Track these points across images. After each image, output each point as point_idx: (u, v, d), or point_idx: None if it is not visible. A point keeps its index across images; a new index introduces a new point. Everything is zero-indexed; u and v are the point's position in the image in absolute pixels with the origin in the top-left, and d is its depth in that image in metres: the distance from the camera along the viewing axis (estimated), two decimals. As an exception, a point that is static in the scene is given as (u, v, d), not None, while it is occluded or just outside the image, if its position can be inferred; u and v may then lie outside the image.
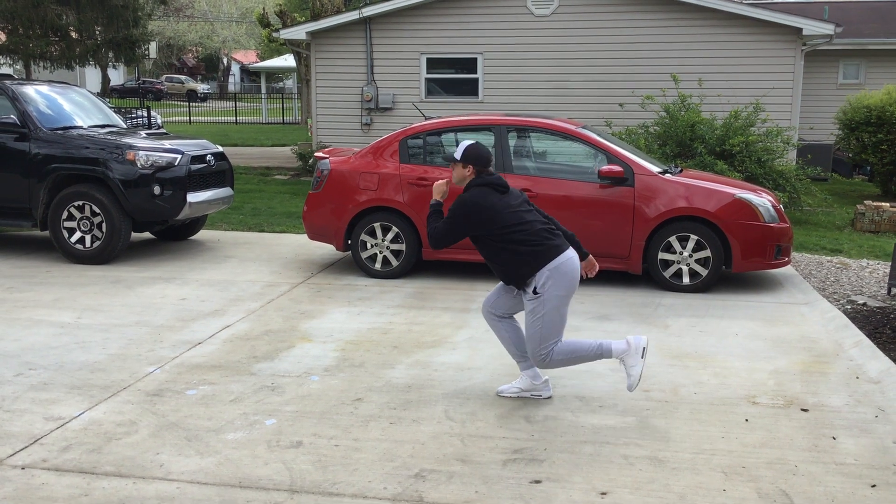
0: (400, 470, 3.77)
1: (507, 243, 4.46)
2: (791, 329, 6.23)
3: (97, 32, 20.68)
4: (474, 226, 4.48)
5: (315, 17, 19.62)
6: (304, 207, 8.27)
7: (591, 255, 4.81)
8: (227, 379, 4.96)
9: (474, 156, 4.60)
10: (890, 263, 7.88)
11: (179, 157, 8.33)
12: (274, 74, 52.99)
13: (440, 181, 4.81)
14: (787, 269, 8.35)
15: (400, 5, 15.03)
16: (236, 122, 34.64)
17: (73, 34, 20.46)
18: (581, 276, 4.61)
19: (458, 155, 4.62)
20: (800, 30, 13.82)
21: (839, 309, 6.85)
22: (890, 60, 19.02)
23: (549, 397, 4.73)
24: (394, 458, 3.90)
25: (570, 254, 4.52)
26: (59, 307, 6.55)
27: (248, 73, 59.15)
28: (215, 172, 8.99)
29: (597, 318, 6.49)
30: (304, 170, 16.77)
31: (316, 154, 8.55)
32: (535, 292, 4.45)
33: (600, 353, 4.51)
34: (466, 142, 4.66)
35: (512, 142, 7.78)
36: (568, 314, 6.47)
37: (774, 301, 7.12)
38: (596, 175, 7.45)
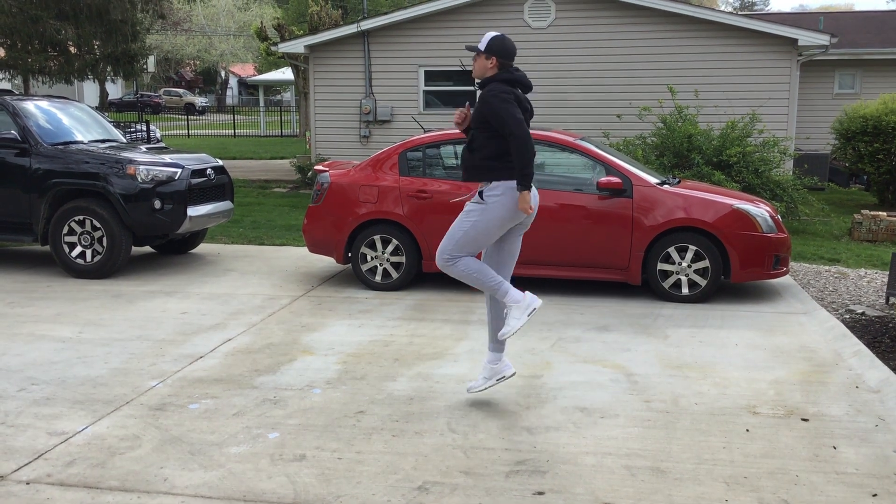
0: (403, 482, 3.79)
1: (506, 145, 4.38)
2: (790, 339, 6.26)
3: (96, 47, 20.78)
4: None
5: (313, 30, 19.74)
6: (303, 220, 8.30)
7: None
8: (230, 392, 4.97)
9: (499, 47, 4.37)
10: (888, 272, 7.91)
11: (180, 171, 8.37)
12: (272, 87, 53.17)
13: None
14: (786, 279, 8.38)
15: (398, 19, 15.13)
16: (234, 136, 34.71)
17: (72, 49, 20.56)
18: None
19: (482, 45, 4.39)
20: (795, 40, 13.90)
21: (838, 318, 6.88)
22: (885, 70, 19.14)
23: (514, 374, 4.76)
24: (397, 470, 3.91)
25: (534, 191, 4.49)
26: (60, 322, 6.57)
27: (246, 87, 59.33)
28: (215, 186, 9.03)
29: (596, 328, 6.52)
30: (303, 182, 16.82)
31: (315, 167, 8.58)
32: (481, 197, 4.41)
33: (497, 289, 4.47)
34: (492, 32, 4.45)
35: None
36: (562, 322, 6.53)
37: (773, 311, 7.15)
38: (594, 186, 7.49)
